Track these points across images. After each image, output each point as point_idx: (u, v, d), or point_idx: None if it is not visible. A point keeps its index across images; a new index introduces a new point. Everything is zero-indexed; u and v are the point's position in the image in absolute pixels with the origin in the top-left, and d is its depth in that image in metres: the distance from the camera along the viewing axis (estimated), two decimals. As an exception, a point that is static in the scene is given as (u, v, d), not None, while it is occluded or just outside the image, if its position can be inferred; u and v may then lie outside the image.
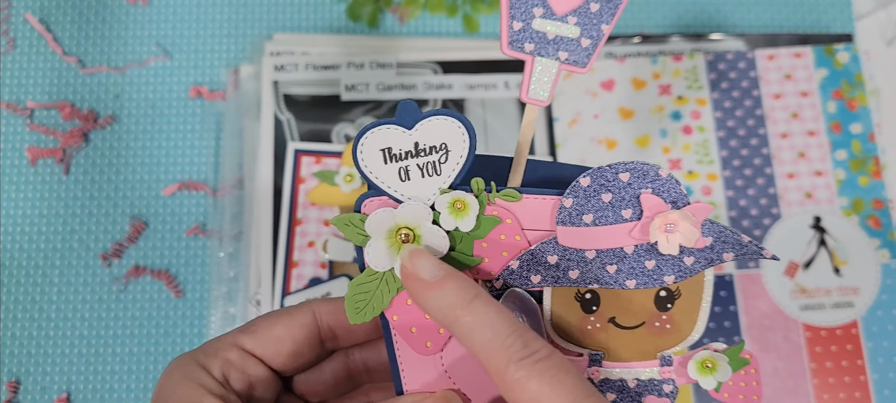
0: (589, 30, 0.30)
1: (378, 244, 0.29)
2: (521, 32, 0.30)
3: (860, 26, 0.58)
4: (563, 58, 0.30)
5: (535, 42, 0.30)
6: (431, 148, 0.29)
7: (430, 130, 0.29)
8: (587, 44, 0.30)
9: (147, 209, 0.54)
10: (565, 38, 0.30)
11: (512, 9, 0.30)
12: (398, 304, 0.30)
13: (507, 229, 0.30)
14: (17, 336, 0.52)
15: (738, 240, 0.29)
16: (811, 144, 0.54)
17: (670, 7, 0.58)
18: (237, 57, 0.56)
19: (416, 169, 0.29)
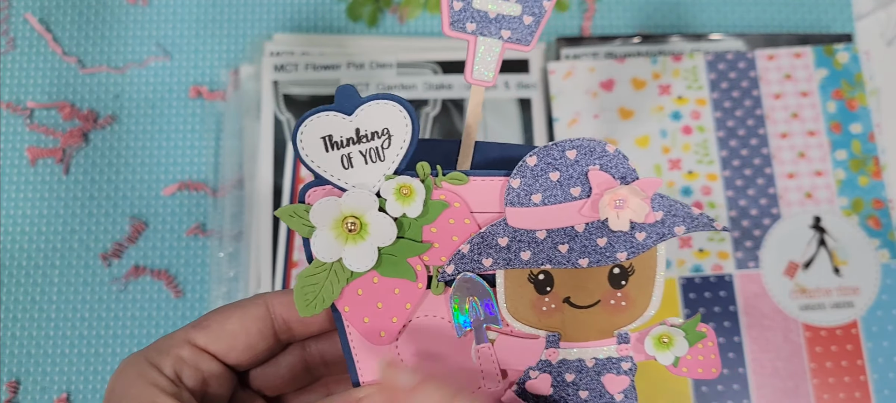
0: (530, 6, 0.29)
1: (324, 234, 0.29)
2: (463, 12, 0.29)
3: (860, 26, 0.58)
4: (506, 36, 0.30)
5: (476, 21, 0.30)
6: (373, 133, 0.28)
7: (371, 115, 0.28)
8: (530, 21, 0.30)
9: (147, 209, 0.54)
10: (507, 16, 0.29)
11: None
12: (349, 295, 0.30)
13: (456, 213, 0.29)
14: (17, 336, 0.52)
15: (689, 213, 0.29)
16: (811, 144, 0.54)
17: (670, 7, 0.58)
18: (237, 57, 0.56)
19: (358, 155, 0.28)
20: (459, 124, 0.54)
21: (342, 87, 0.28)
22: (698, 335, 0.30)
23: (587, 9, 0.58)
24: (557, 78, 0.55)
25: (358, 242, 0.29)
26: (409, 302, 0.30)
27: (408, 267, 0.29)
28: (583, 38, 0.57)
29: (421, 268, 0.30)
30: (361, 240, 0.29)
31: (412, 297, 0.30)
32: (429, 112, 0.54)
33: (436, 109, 0.54)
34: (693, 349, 0.30)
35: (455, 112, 0.54)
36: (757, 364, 0.50)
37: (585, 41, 0.56)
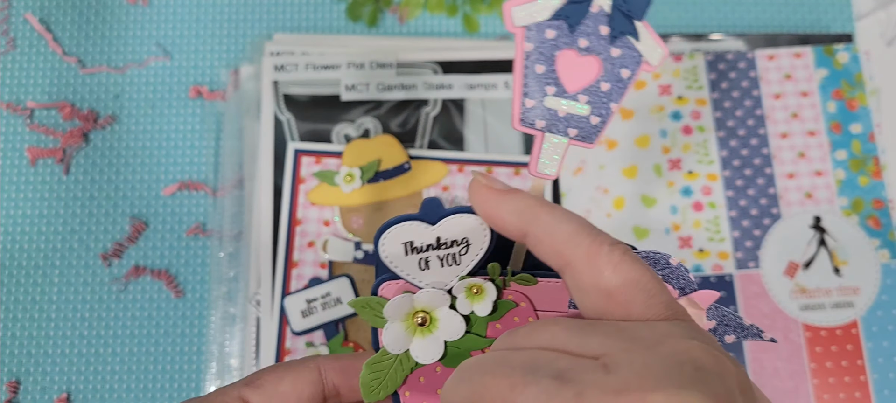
0: (599, 108, 0.30)
1: (395, 327, 0.30)
2: (533, 109, 0.30)
3: (860, 26, 0.58)
4: (573, 134, 0.31)
5: (546, 119, 0.30)
6: (453, 242, 0.30)
7: (453, 226, 0.30)
8: (596, 121, 0.31)
9: (147, 209, 0.54)
10: (576, 116, 0.30)
11: (525, 86, 0.30)
12: (411, 381, 0.31)
13: (522, 312, 0.31)
14: (17, 336, 0.52)
15: (740, 323, 0.30)
16: (811, 144, 0.54)
17: (670, 7, 0.58)
18: (237, 57, 0.56)
19: (436, 260, 0.30)
20: (459, 124, 0.54)
21: (428, 199, 0.30)
22: None
23: (587, 9, 0.58)
24: (557, 78, 0.55)
25: (426, 335, 0.30)
26: None
27: None
28: (583, 38, 0.57)
29: None
30: (429, 334, 0.30)
31: None
32: (429, 112, 0.54)
33: (436, 109, 0.54)
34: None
35: (455, 112, 0.54)
36: (757, 364, 0.50)
37: (585, 41, 0.56)
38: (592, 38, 0.30)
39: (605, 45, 0.30)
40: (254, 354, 0.50)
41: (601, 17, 0.29)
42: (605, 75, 0.30)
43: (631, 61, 0.30)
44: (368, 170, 0.52)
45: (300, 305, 0.50)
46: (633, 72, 0.30)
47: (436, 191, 0.52)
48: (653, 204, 0.53)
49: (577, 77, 0.30)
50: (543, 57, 0.30)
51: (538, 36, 0.30)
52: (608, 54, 0.30)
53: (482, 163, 0.53)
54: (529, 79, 0.30)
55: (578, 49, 0.30)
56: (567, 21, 0.29)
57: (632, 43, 0.30)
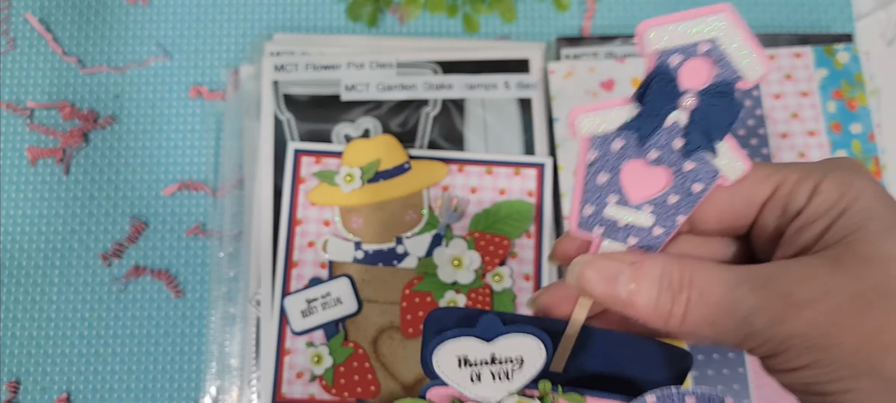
0: (664, 220, 0.29)
1: None
2: (592, 217, 0.29)
3: (860, 26, 0.58)
4: (632, 243, 0.29)
5: (605, 226, 0.29)
6: (507, 359, 0.29)
7: (510, 345, 0.29)
8: (659, 232, 0.29)
9: (147, 209, 0.54)
10: (637, 226, 0.29)
11: (585, 194, 0.28)
12: None
13: None
14: (17, 336, 0.52)
15: None
16: (811, 144, 0.54)
17: (670, 7, 0.58)
18: (237, 57, 0.56)
19: (488, 374, 0.29)
20: (459, 124, 0.54)
21: (487, 317, 0.29)
22: None
23: (587, 9, 0.58)
24: (557, 78, 0.55)
25: None
26: None
27: None
28: (583, 38, 0.57)
29: None
30: None
31: None
32: (429, 112, 0.54)
33: (436, 109, 0.54)
34: None
35: (455, 112, 0.54)
36: (757, 363, 0.50)
37: (585, 41, 0.56)
38: (664, 151, 0.27)
39: (677, 158, 0.27)
40: (254, 354, 0.50)
41: (676, 130, 0.27)
42: (674, 188, 0.28)
43: (705, 176, 0.28)
44: (368, 170, 0.52)
45: (300, 305, 0.50)
46: (707, 187, 0.28)
47: (436, 191, 0.52)
48: (653, 205, 0.53)
49: (643, 188, 0.28)
50: (608, 166, 0.28)
51: (604, 146, 0.27)
52: (680, 168, 0.28)
53: (482, 163, 0.53)
54: (590, 187, 0.28)
55: (648, 160, 0.27)
56: (638, 133, 0.27)
57: (707, 158, 0.27)
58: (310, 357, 0.50)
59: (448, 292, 0.50)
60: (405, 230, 0.52)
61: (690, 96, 0.26)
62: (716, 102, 0.26)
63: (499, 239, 0.51)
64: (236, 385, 0.50)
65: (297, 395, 0.49)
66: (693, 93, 0.26)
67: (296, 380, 0.50)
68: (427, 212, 0.52)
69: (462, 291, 0.50)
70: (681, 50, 0.25)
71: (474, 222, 0.52)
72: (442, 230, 0.51)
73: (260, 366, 0.50)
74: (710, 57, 0.26)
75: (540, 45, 0.56)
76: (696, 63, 0.26)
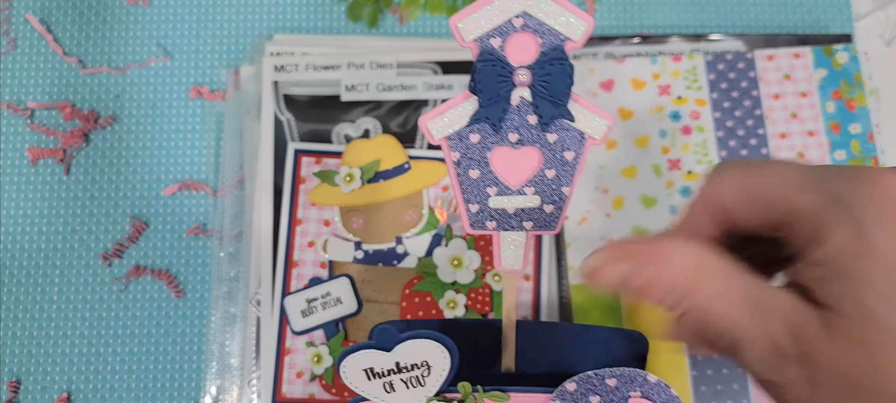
0: (549, 196, 0.29)
1: None
2: (480, 213, 0.29)
3: (859, 27, 0.58)
4: (529, 227, 0.29)
5: (496, 219, 0.29)
6: (413, 365, 0.29)
7: (410, 351, 0.29)
8: (551, 209, 0.29)
9: (148, 209, 0.54)
10: (527, 209, 0.29)
11: (465, 193, 0.29)
12: None
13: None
14: (17, 335, 0.52)
15: None
16: (810, 144, 0.54)
17: (669, 7, 0.58)
18: (237, 57, 0.56)
19: (400, 382, 0.30)
20: (459, 124, 0.54)
21: (379, 327, 0.29)
22: None
23: (587, 9, 0.58)
24: (557, 78, 0.55)
25: None
26: None
27: None
28: (582, 39, 0.57)
29: None
30: None
31: None
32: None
33: (436, 109, 0.54)
34: None
35: (455, 112, 0.54)
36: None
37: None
38: (523, 129, 0.27)
39: (538, 134, 0.27)
40: (254, 353, 0.51)
41: (525, 106, 0.27)
42: (548, 162, 0.28)
43: (573, 142, 0.28)
44: (368, 170, 0.52)
45: (300, 305, 0.50)
46: (578, 152, 0.28)
47: (436, 191, 0.52)
48: (652, 205, 0.53)
49: (518, 171, 0.28)
50: (474, 161, 0.28)
51: (462, 143, 0.28)
52: (545, 141, 0.28)
53: (482, 163, 0.53)
54: (466, 186, 0.28)
55: (511, 144, 0.27)
56: (488, 122, 0.27)
57: (568, 124, 0.27)
58: (310, 357, 0.50)
59: (448, 292, 0.50)
60: (405, 230, 0.52)
61: (522, 71, 0.26)
62: (550, 69, 0.26)
63: None
64: (236, 385, 0.51)
65: (297, 395, 0.50)
66: (524, 67, 0.26)
67: (296, 380, 0.50)
68: (427, 212, 0.52)
69: (462, 291, 0.50)
70: (496, 32, 0.26)
71: (474, 222, 0.52)
72: (442, 230, 0.52)
73: (260, 366, 0.50)
74: (528, 29, 0.26)
75: (540, 45, 0.56)
76: (516, 39, 0.26)
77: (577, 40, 0.26)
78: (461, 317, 0.36)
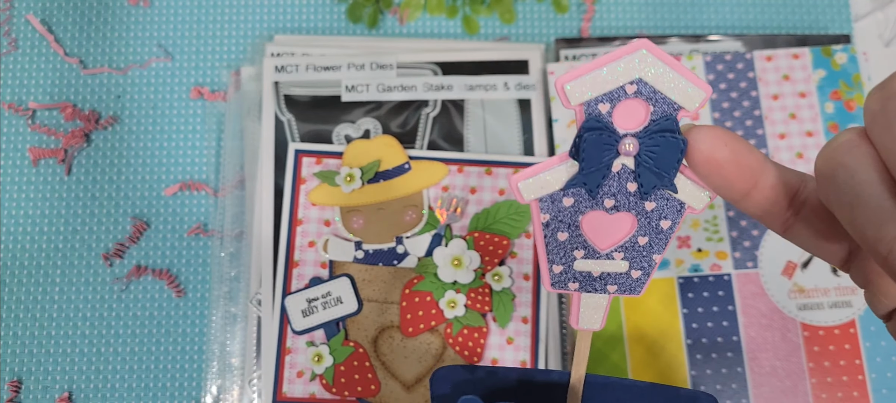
0: (639, 263, 0.27)
1: None
2: (564, 274, 0.28)
3: (858, 27, 0.58)
4: (613, 290, 0.28)
5: (579, 281, 0.28)
6: None
7: None
8: (638, 275, 0.28)
9: (148, 209, 0.54)
10: (613, 274, 0.27)
11: (549, 254, 0.27)
12: None
13: None
14: (18, 335, 0.52)
15: None
16: (809, 145, 0.54)
17: (669, 8, 0.58)
18: (238, 58, 0.57)
19: None
20: (459, 124, 0.54)
21: (463, 399, 0.29)
22: None
23: (586, 10, 0.58)
24: (557, 79, 0.55)
25: None
26: None
27: None
28: (582, 39, 0.57)
29: None
30: None
31: None
32: (429, 112, 0.55)
33: (436, 110, 0.55)
34: None
35: (455, 112, 0.55)
36: (755, 363, 0.50)
37: (584, 42, 0.57)
38: (620, 196, 0.26)
39: (635, 201, 0.26)
40: (255, 353, 0.51)
41: (626, 174, 0.25)
42: (641, 229, 0.26)
43: (671, 212, 0.26)
44: (369, 170, 0.52)
45: (301, 304, 0.51)
46: (675, 222, 0.26)
47: (436, 191, 0.53)
48: (651, 205, 0.53)
49: (608, 236, 0.27)
50: (564, 224, 0.26)
51: (554, 206, 0.26)
52: (642, 209, 0.26)
53: (482, 163, 0.53)
54: (552, 248, 0.27)
55: (605, 209, 0.26)
56: (585, 188, 0.25)
57: (669, 194, 0.26)
58: (310, 357, 0.50)
59: (448, 292, 0.50)
60: (405, 230, 0.52)
61: (629, 140, 0.24)
62: (659, 139, 0.24)
63: (498, 239, 0.51)
64: (237, 385, 0.51)
65: (297, 394, 0.50)
66: (631, 135, 0.24)
67: (296, 379, 0.50)
68: (427, 212, 0.52)
69: (462, 291, 0.50)
70: (606, 97, 0.24)
71: (474, 222, 0.52)
72: (441, 230, 0.52)
73: (261, 365, 0.50)
74: (641, 96, 0.24)
75: (539, 46, 0.56)
76: (627, 105, 0.24)
77: (692, 111, 0.24)
78: (526, 370, 0.35)
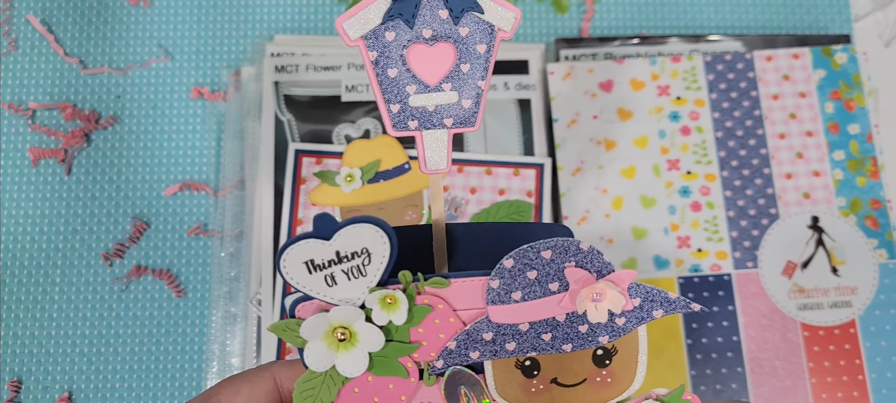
0: (467, 91, 0.30)
1: (316, 346, 0.30)
2: (401, 113, 0.30)
3: (858, 27, 0.58)
4: (450, 124, 0.30)
5: (417, 118, 0.30)
6: (353, 254, 0.29)
7: (350, 238, 0.29)
8: (469, 104, 0.30)
9: (149, 209, 0.54)
10: (446, 105, 0.30)
11: (385, 94, 0.30)
12: (347, 394, 0.31)
13: (441, 313, 0.30)
14: (18, 335, 0.52)
15: (666, 297, 0.30)
16: (809, 145, 0.54)
17: (669, 8, 0.58)
18: (238, 58, 0.57)
19: (341, 274, 0.29)
20: (459, 125, 0.54)
21: (319, 216, 0.29)
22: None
23: (586, 10, 0.58)
24: (556, 79, 0.55)
25: (349, 349, 0.30)
26: (403, 394, 0.31)
27: (399, 366, 0.31)
28: (582, 39, 0.57)
29: (412, 365, 0.31)
30: (352, 348, 0.30)
31: (406, 390, 0.31)
32: (429, 112, 0.55)
33: (436, 110, 0.55)
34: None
35: (455, 112, 0.55)
36: (755, 363, 0.50)
37: (584, 42, 0.57)
38: (435, 25, 0.29)
39: (450, 27, 0.29)
40: (255, 353, 0.51)
41: (436, 2, 0.29)
42: (462, 56, 0.30)
43: (483, 35, 0.29)
44: (369, 170, 0.52)
45: (301, 305, 0.51)
46: (490, 45, 0.30)
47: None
48: (651, 205, 0.53)
49: (434, 67, 0.30)
50: (391, 60, 0.29)
51: (379, 42, 0.29)
52: (458, 35, 0.29)
53: (482, 163, 0.53)
54: (386, 86, 0.30)
55: (425, 40, 0.29)
56: (401, 18, 0.29)
57: (478, 17, 0.29)
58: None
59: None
60: (405, 230, 0.52)
61: None
62: None
63: None
64: (237, 385, 0.51)
65: (297, 394, 0.50)
66: None
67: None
68: (427, 212, 0.52)
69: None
70: None
71: (474, 222, 0.52)
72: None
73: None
74: None
75: (539, 46, 0.56)
76: None
77: None
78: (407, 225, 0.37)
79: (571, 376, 0.31)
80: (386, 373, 0.31)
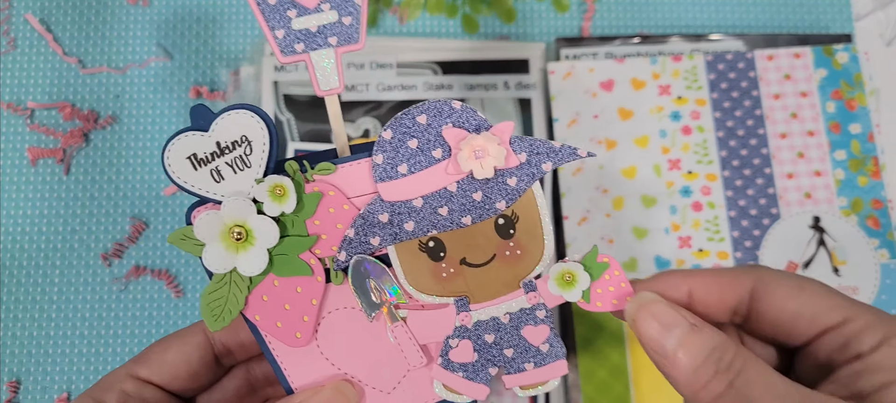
0: (344, 8, 0.31)
1: (214, 248, 0.30)
2: (287, 37, 0.31)
3: (859, 27, 0.58)
4: (335, 42, 0.31)
5: (302, 40, 0.31)
6: (234, 143, 0.30)
7: (227, 127, 0.30)
8: (349, 20, 0.31)
9: (147, 209, 0.54)
10: (328, 25, 0.31)
11: (268, 21, 0.31)
12: (256, 303, 0.30)
13: (334, 201, 0.31)
14: (17, 335, 0.52)
15: (551, 148, 0.30)
16: (810, 144, 0.54)
17: (670, 7, 0.58)
18: (237, 57, 0.57)
19: (226, 166, 0.30)
20: (459, 124, 0.54)
21: (195, 107, 0.30)
22: (600, 266, 0.31)
23: (587, 9, 0.58)
24: (557, 78, 0.55)
25: (247, 248, 0.30)
26: (313, 297, 0.31)
27: (301, 263, 0.31)
28: (582, 39, 0.57)
29: (314, 262, 0.31)
30: (250, 246, 0.30)
31: (315, 292, 0.31)
32: (429, 112, 0.54)
33: (436, 109, 0.54)
34: (601, 281, 0.31)
35: (455, 112, 0.54)
36: (756, 363, 0.50)
37: (585, 41, 0.57)
38: None
39: None
40: (254, 354, 0.51)
41: None
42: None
43: None
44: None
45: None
46: None
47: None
48: (652, 204, 0.53)
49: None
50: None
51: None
52: None
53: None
54: (267, 13, 0.31)
55: None
56: None
57: None
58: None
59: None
60: (405, 230, 0.52)
61: None
62: None
63: None
64: (236, 385, 0.51)
65: (297, 395, 0.50)
66: None
67: (296, 380, 0.50)
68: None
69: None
70: None
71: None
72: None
73: (260, 366, 0.50)
74: None
75: (539, 45, 0.56)
76: None
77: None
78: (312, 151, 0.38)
79: (480, 253, 0.31)
80: (289, 273, 0.30)
